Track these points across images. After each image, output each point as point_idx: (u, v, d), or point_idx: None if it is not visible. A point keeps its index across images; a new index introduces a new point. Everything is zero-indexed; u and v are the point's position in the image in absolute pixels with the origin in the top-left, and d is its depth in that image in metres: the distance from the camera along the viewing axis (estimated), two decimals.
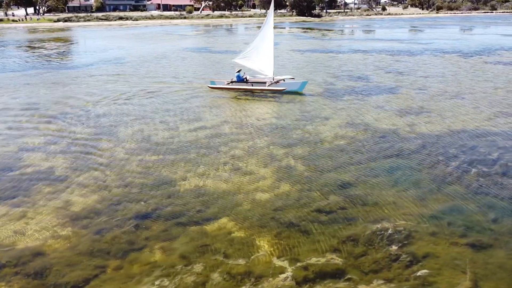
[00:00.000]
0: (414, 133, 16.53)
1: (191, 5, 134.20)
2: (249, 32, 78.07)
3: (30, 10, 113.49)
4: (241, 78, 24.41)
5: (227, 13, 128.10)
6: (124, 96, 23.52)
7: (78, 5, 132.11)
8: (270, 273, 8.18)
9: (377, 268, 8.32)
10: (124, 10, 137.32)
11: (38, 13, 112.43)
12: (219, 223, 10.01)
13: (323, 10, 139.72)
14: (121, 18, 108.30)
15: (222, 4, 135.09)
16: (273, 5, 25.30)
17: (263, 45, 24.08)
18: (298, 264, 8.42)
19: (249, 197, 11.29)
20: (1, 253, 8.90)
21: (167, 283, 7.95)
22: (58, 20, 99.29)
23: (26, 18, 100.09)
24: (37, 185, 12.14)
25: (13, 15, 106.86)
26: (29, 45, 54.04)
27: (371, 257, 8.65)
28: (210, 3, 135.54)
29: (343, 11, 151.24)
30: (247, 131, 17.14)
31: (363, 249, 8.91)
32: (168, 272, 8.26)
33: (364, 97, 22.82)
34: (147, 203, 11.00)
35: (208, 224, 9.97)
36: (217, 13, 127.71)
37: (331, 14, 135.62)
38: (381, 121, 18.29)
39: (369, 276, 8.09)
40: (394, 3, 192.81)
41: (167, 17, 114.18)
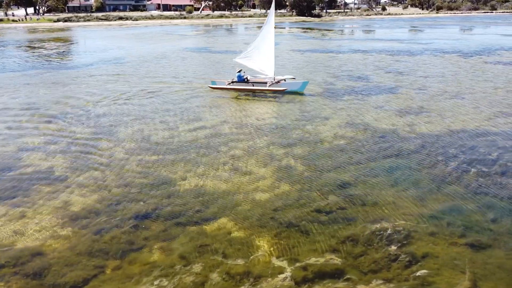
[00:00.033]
0: (413, 133, 16.53)
1: (191, 5, 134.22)
2: (249, 32, 78.06)
3: (30, 10, 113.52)
4: (242, 78, 24.37)
5: (227, 13, 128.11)
6: (124, 96, 23.52)
7: (78, 5, 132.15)
8: (269, 273, 8.18)
9: (376, 268, 8.32)
10: (124, 10, 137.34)
11: (38, 13, 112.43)
12: (218, 223, 10.01)
13: (323, 10, 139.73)
14: (121, 18, 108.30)
15: (222, 4, 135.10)
16: (274, 5, 25.27)
17: (264, 45, 24.08)
18: (297, 264, 8.42)
19: (249, 197, 11.29)
20: (0, 253, 8.90)
21: (166, 283, 7.95)
22: (58, 20, 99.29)
23: (26, 18, 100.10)
24: (36, 185, 12.14)
25: (13, 15, 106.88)
26: (29, 45, 54.04)
27: (370, 257, 8.65)
28: (210, 3, 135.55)
29: (343, 11, 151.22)
30: (247, 131, 17.14)
31: (362, 249, 8.91)
32: (167, 272, 8.26)
33: (364, 97, 22.82)
34: (146, 203, 11.00)
35: (207, 224, 9.97)
36: (217, 13, 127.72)
37: (331, 14, 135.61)
38: (380, 121, 18.29)
39: (368, 276, 8.10)
40: (394, 3, 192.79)
41: (167, 17, 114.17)
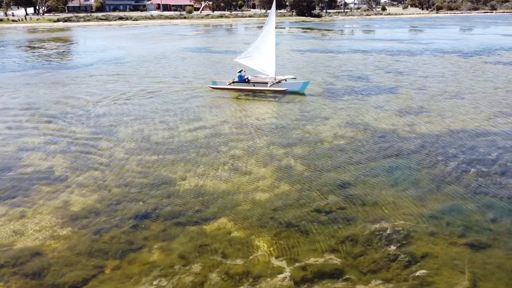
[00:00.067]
0: (413, 133, 16.53)
1: (191, 5, 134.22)
2: (248, 32, 78.07)
3: (30, 10, 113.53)
4: (243, 78, 24.33)
5: (227, 13, 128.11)
6: (124, 96, 23.52)
7: (78, 5, 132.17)
8: (268, 273, 8.18)
9: (375, 268, 8.32)
10: (124, 10, 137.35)
11: (38, 13, 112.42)
12: (218, 223, 10.00)
13: (323, 10, 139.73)
14: (121, 18, 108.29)
15: (222, 4, 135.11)
16: (274, 5, 25.25)
17: (265, 45, 24.05)
18: (296, 264, 8.42)
19: (248, 197, 11.29)
20: None
21: (165, 283, 7.95)
22: (58, 20, 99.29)
23: (26, 18, 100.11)
24: (36, 185, 12.14)
25: (13, 15, 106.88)
26: (29, 45, 54.03)
27: (369, 257, 8.64)
28: (210, 3, 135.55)
29: (343, 11, 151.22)
30: (247, 131, 17.14)
31: (361, 249, 8.91)
32: (166, 272, 8.26)
33: (364, 97, 22.82)
34: (146, 202, 11.00)
35: (207, 224, 9.97)
36: (217, 13, 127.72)
37: (331, 14, 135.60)
38: (380, 121, 18.28)
39: (367, 276, 8.09)
40: (394, 3, 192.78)
41: (167, 17, 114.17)
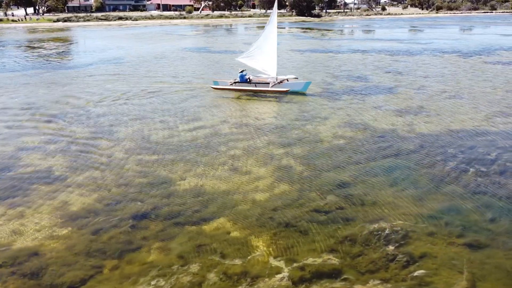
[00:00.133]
0: (412, 133, 16.53)
1: (190, 5, 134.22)
2: (248, 32, 78.07)
3: (29, 10, 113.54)
4: (244, 78, 24.29)
5: (227, 13, 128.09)
6: (124, 96, 23.52)
7: (77, 5, 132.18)
8: (266, 273, 8.17)
9: (374, 268, 8.31)
10: (124, 10, 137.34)
11: (38, 13, 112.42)
12: (217, 222, 10.00)
13: (323, 10, 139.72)
14: (120, 18, 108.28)
15: (222, 4, 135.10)
16: (276, 4, 25.20)
17: (266, 45, 23.99)
18: (294, 264, 8.41)
19: (247, 197, 11.29)
20: None
21: (163, 283, 7.94)
22: (58, 20, 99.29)
23: (25, 18, 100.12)
24: (35, 184, 12.13)
25: (12, 15, 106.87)
26: (28, 45, 54.03)
27: (368, 257, 8.64)
28: (209, 3, 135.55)
29: (342, 11, 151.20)
30: (246, 130, 17.13)
31: (360, 249, 8.90)
32: (164, 272, 8.25)
33: (363, 97, 22.81)
34: (145, 202, 11.00)
35: (205, 224, 9.96)
36: (216, 13, 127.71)
37: (330, 14, 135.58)
38: (380, 120, 18.28)
39: (365, 276, 8.09)
40: (394, 3, 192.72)
41: (167, 17, 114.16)
